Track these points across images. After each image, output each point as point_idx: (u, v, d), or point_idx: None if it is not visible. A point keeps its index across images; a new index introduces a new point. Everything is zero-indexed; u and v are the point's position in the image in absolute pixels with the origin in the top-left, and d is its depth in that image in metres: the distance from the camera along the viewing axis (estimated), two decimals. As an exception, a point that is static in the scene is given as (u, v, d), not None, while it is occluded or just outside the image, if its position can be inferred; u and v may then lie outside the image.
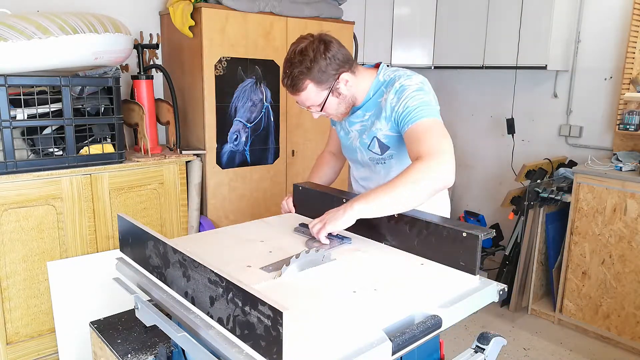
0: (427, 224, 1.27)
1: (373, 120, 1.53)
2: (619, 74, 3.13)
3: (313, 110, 1.54)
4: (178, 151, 2.71)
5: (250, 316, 0.83)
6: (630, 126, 2.95)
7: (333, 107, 1.53)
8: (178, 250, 1.01)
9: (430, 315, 1.01)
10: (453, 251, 1.22)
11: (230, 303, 0.88)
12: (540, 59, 3.18)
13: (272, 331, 0.78)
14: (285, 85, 1.50)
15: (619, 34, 3.13)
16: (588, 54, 3.29)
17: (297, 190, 1.68)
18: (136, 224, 1.18)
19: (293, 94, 1.50)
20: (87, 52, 2.17)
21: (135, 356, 1.39)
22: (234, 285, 0.86)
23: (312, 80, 1.45)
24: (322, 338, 0.90)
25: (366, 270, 1.22)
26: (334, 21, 3.19)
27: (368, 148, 1.58)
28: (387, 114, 1.47)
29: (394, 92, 1.46)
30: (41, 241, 2.23)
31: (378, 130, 1.52)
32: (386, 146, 1.53)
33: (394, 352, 0.91)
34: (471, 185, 4.14)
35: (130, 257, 1.25)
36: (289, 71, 1.46)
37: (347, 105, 1.55)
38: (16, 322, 2.22)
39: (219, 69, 2.75)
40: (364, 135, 1.57)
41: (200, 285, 0.95)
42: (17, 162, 2.12)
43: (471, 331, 2.92)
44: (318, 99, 1.49)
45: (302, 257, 1.19)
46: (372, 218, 1.32)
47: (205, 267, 0.93)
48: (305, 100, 1.50)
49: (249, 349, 0.85)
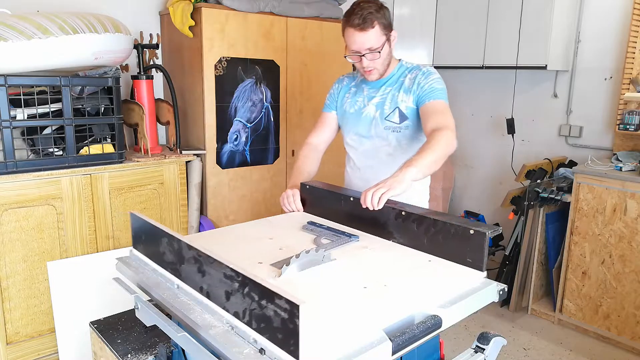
0: (434, 221, 1.30)
1: (394, 94, 1.75)
2: (619, 74, 3.13)
3: (369, 57, 1.68)
4: (178, 151, 2.71)
5: (267, 310, 0.85)
6: (630, 126, 2.95)
7: (384, 57, 1.71)
8: (193, 247, 1.03)
9: (430, 315, 1.01)
10: (460, 248, 1.25)
11: (246, 297, 0.90)
12: (540, 59, 3.18)
13: (289, 324, 0.81)
14: (354, 25, 1.63)
15: (619, 34, 3.13)
16: (588, 54, 3.29)
17: (305, 188, 1.71)
18: (150, 222, 1.20)
19: (362, 30, 1.62)
20: (87, 52, 2.16)
21: (135, 356, 1.40)
22: (250, 280, 0.88)
23: (379, 23, 1.64)
24: (326, 335, 0.91)
25: (375, 266, 1.24)
26: (334, 21, 3.19)
27: (386, 118, 1.75)
28: (412, 87, 1.71)
29: (421, 73, 1.72)
30: (41, 241, 2.23)
31: (401, 102, 1.73)
32: (405, 117, 1.73)
33: (394, 352, 0.91)
34: (471, 185, 4.14)
35: (143, 253, 1.27)
36: (360, 12, 1.62)
37: (387, 63, 1.75)
38: (16, 322, 2.22)
39: (219, 69, 2.75)
40: (386, 106, 1.76)
41: (216, 280, 0.98)
42: (17, 162, 2.12)
43: (471, 331, 2.92)
44: (378, 42, 1.66)
45: (302, 257, 1.19)
46: (380, 215, 1.41)
47: (221, 262, 0.95)
48: (368, 41, 1.64)
49: (266, 341, 0.87)
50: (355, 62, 1.73)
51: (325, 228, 1.50)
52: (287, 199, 1.71)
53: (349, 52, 1.71)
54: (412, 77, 1.73)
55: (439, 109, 1.65)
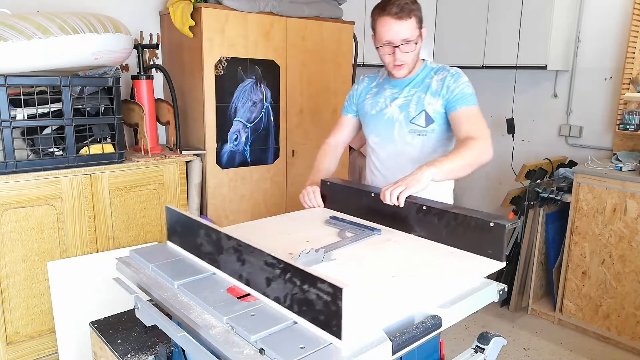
0: (455, 215, 1.36)
1: (420, 95, 1.70)
2: (619, 74, 3.13)
3: (404, 49, 1.64)
4: (178, 151, 2.71)
5: (309, 293, 0.91)
6: (630, 126, 2.95)
7: (417, 51, 1.68)
8: (233, 237, 1.10)
9: (430, 315, 1.02)
10: (481, 240, 1.30)
11: (288, 283, 0.95)
12: (540, 59, 3.18)
13: (332, 306, 0.86)
14: (391, 13, 1.60)
15: (619, 34, 3.13)
16: (588, 54, 3.29)
17: (325, 185, 1.75)
18: (186, 215, 1.26)
19: (400, 19, 1.60)
20: (87, 52, 2.16)
21: (135, 356, 1.40)
22: (292, 267, 0.94)
23: (416, 15, 1.63)
24: (362, 317, 0.96)
25: (400, 257, 1.30)
26: (334, 21, 3.19)
27: (411, 121, 1.70)
28: (440, 90, 1.66)
29: (450, 75, 1.67)
30: (41, 241, 2.23)
31: (428, 105, 1.68)
32: (432, 120, 1.68)
33: (394, 352, 0.91)
34: (471, 185, 4.14)
35: (178, 245, 1.33)
36: (397, 1, 1.60)
37: (416, 60, 1.71)
38: (16, 322, 2.22)
39: (219, 69, 2.75)
40: (411, 108, 1.71)
41: (257, 268, 1.04)
42: (17, 162, 2.12)
43: (471, 331, 2.92)
44: (414, 34, 1.64)
45: (303, 257, 1.19)
46: (401, 210, 1.45)
47: (262, 251, 1.01)
48: (405, 31, 1.61)
49: (308, 323, 0.92)
50: (386, 55, 1.67)
51: (348, 222, 1.56)
52: (307, 196, 1.73)
53: (382, 42, 1.65)
54: (439, 79, 1.68)
55: (472, 117, 1.61)
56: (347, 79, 3.36)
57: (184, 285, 1.11)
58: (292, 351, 0.84)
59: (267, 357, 0.85)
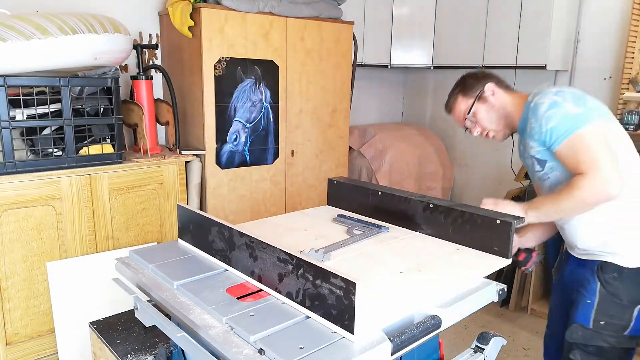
0: (462, 213, 1.39)
1: (525, 143, 1.62)
2: (618, 74, 3.13)
3: (468, 124, 1.71)
4: (177, 151, 2.71)
5: (322, 288, 0.92)
6: (629, 126, 2.95)
7: (482, 114, 1.68)
8: (245, 234, 1.11)
9: (430, 316, 1.01)
10: (487, 237, 1.32)
11: (300, 278, 0.97)
12: (540, 59, 3.18)
13: (345, 300, 0.88)
14: (445, 109, 1.79)
15: (618, 34, 3.13)
16: (587, 53, 3.29)
17: (332, 184, 1.80)
18: (198, 212, 1.28)
19: (450, 111, 1.76)
20: (86, 52, 2.16)
21: (135, 356, 1.40)
22: (304, 262, 0.96)
23: (459, 94, 1.71)
24: (373, 312, 0.98)
25: (410, 253, 1.33)
26: (334, 21, 3.19)
27: (535, 170, 1.64)
28: (532, 134, 1.54)
29: (531, 112, 1.54)
30: (41, 242, 2.23)
31: (531, 149, 1.58)
32: (543, 160, 1.58)
33: (393, 352, 0.91)
34: (471, 185, 4.14)
35: (190, 242, 1.35)
36: (447, 98, 1.75)
37: (499, 117, 1.68)
38: (16, 323, 2.22)
39: (218, 69, 2.75)
40: (527, 158, 1.66)
41: (269, 264, 1.05)
42: (16, 163, 2.12)
43: (471, 331, 2.92)
44: (465, 106, 1.70)
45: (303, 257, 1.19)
46: (408, 208, 1.51)
47: (275, 247, 1.03)
48: (457, 115, 1.72)
49: (320, 318, 0.94)
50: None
51: (355, 220, 1.60)
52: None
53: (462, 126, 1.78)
54: (530, 124, 1.55)
55: (572, 152, 1.45)
56: (347, 79, 3.36)
57: (184, 286, 1.11)
58: (291, 351, 0.84)
59: (266, 357, 0.85)
